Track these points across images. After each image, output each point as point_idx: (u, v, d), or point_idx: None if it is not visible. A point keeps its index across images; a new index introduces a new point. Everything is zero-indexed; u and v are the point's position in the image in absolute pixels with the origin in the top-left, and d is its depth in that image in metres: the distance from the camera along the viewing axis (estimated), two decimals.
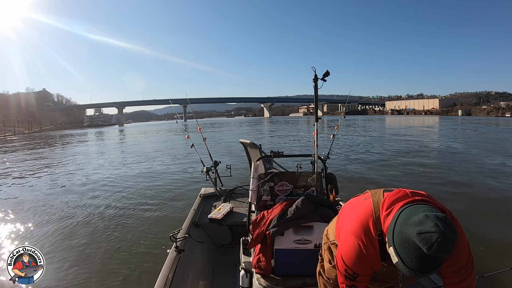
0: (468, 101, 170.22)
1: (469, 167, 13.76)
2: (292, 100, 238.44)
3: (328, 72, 3.57)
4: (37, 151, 31.13)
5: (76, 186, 12.36)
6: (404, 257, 1.40)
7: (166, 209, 8.56)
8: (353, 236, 1.74)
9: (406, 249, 1.39)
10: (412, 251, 1.37)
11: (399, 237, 1.42)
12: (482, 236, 6.43)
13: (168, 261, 3.48)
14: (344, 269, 1.79)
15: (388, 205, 1.67)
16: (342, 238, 1.85)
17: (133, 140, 43.80)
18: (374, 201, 1.79)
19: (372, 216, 1.73)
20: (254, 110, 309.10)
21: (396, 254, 1.43)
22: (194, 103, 74.70)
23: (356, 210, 1.87)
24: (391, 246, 1.47)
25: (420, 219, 1.38)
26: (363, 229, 1.73)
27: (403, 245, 1.40)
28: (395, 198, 1.67)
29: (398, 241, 1.43)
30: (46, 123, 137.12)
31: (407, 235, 1.39)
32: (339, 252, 1.85)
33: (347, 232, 1.81)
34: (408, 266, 1.40)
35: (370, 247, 1.69)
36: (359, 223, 1.75)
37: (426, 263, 1.37)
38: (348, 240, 1.78)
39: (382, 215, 1.68)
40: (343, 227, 1.89)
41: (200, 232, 4.64)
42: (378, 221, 1.69)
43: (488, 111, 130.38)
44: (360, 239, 1.71)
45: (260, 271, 2.77)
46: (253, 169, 3.37)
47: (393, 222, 1.51)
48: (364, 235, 1.71)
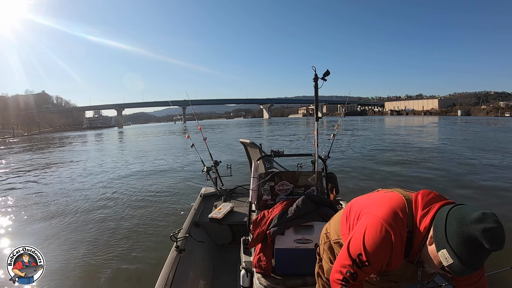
0: (467, 101, 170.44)
1: (469, 166, 13.79)
2: (291, 101, 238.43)
3: (328, 72, 3.57)
4: (37, 152, 31.08)
5: (77, 187, 12.35)
6: (465, 256, 1.37)
7: (167, 209, 8.56)
8: (384, 222, 1.64)
9: (468, 248, 1.36)
10: (474, 249, 1.36)
11: (459, 237, 1.38)
12: None
13: (168, 261, 3.48)
14: (358, 253, 1.69)
15: (423, 205, 1.63)
16: (368, 223, 1.71)
17: (133, 142, 43.82)
18: (403, 194, 1.75)
19: (405, 209, 1.66)
20: (253, 111, 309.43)
21: (454, 255, 1.39)
22: (193, 105, 74.25)
23: (383, 200, 1.79)
24: (444, 249, 1.43)
25: (480, 217, 1.36)
26: (394, 217, 1.64)
27: (465, 244, 1.36)
28: (429, 199, 1.65)
29: (457, 242, 1.39)
30: (45, 125, 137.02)
31: (470, 233, 1.35)
32: (360, 234, 1.71)
33: (375, 218, 1.69)
34: (467, 265, 1.38)
35: (399, 239, 1.61)
36: (390, 211, 1.67)
37: (483, 259, 1.40)
38: (375, 226, 1.66)
39: (417, 214, 1.63)
40: (367, 213, 1.78)
41: (201, 231, 4.63)
42: (410, 218, 1.64)
43: (488, 111, 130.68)
44: (391, 227, 1.62)
45: (261, 271, 2.76)
46: (253, 168, 3.37)
47: (442, 224, 1.47)
48: (395, 224, 1.63)
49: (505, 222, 4.33)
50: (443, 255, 1.43)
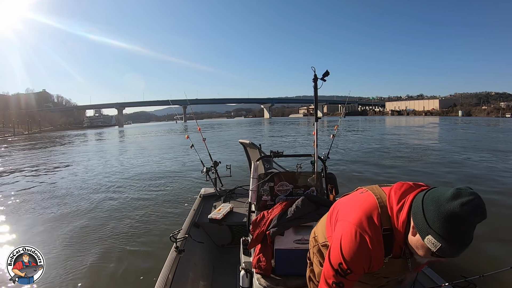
0: (468, 102, 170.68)
1: (470, 166, 13.79)
2: (292, 101, 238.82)
3: (328, 72, 3.56)
4: (38, 151, 31.07)
5: (76, 186, 12.35)
6: (451, 236, 1.36)
7: (166, 209, 8.56)
8: (357, 228, 1.64)
9: (451, 227, 1.35)
10: (458, 226, 1.35)
11: (440, 219, 1.37)
12: (481, 235, 6.45)
13: (168, 261, 3.48)
14: (338, 263, 1.69)
15: (398, 199, 1.63)
16: (344, 230, 1.71)
17: (133, 141, 43.77)
18: (376, 195, 1.73)
19: (377, 209, 1.65)
20: (254, 111, 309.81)
21: (440, 238, 1.38)
22: (193, 104, 74.88)
23: (356, 203, 1.78)
24: (428, 235, 1.41)
25: (454, 193, 1.37)
26: (367, 221, 1.64)
27: (447, 224, 1.36)
28: (402, 192, 1.64)
29: (439, 224, 1.37)
30: (46, 124, 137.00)
31: (449, 212, 1.35)
32: (337, 244, 1.71)
33: (349, 224, 1.69)
34: (456, 244, 1.38)
35: (376, 241, 1.61)
36: (363, 215, 1.66)
37: (470, 233, 1.38)
38: (350, 233, 1.66)
39: (393, 211, 1.62)
40: (342, 220, 1.79)
41: (200, 232, 4.63)
42: (385, 215, 1.63)
43: (488, 112, 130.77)
44: (365, 232, 1.62)
45: (260, 271, 2.76)
46: (253, 169, 3.36)
47: (420, 212, 1.47)
48: (369, 228, 1.62)
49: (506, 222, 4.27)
50: (429, 241, 1.42)
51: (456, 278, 2.67)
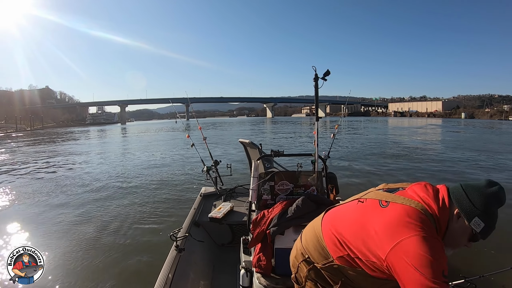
0: (471, 104, 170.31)
1: (471, 166, 13.78)
2: (294, 101, 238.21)
3: (329, 72, 3.55)
4: (40, 147, 31.12)
5: (77, 184, 12.40)
6: (492, 216, 1.57)
7: (167, 208, 8.57)
8: (424, 235, 1.48)
9: (494, 206, 1.58)
10: (496, 206, 1.59)
11: (486, 202, 1.57)
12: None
13: (168, 260, 3.48)
14: (441, 270, 1.42)
15: (434, 197, 1.66)
16: (415, 246, 1.47)
17: (135, 139, 43.79)
18: (407, 202, 1.64)
19: (423, 214, 1.58)
20: (256, 110, 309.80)
21: (485, 218, 1.56)
22: (196, 103, 74.99)
23: (389, 219, 1.61)
24: (475, 217, 1.56)
25: (489, 182, 1.61)
26: (426, 226, 1.53)
27: (492, 205, 1.57)
28: (433, 189, 1.71)
29: (485, 206, 1.56)
30: (48, 121, 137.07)
31: (493, 194, 1.57)
32: (423, 255, 1.43)
33: (414, 238, 1.49)
34: (493, 224, 1.58)
35: (440, 243, 1.54)
36: (417, 224, 1.53)
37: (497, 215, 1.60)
38: (423, 242, 1.47)
39: (435, 209, 1.60)
40: (400, 242, 1.51)
41: (201, 231, 4.63)
42: (431, 217, 1.58)
43: (491, 114, 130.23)
44: (432, 235, 1.51)
45: (261, 270, 2.76)
46: (253, 168, 3.36)
47: (465, 199, 1.60)
48: (431, 232, 1.53)
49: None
50: (476, 222, 1.57)
51: (456, 278, 2.67)
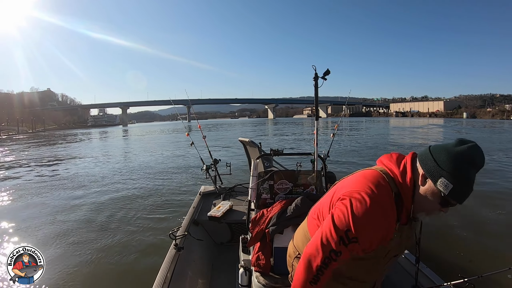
0: (473, 104, 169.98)
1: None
2: (296, 102, 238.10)
3: (329, 71, 3.55)
4: (42, 149, 31.21)
5: (77, 184, 12.42)
6: (462, 175, 1.45)
7: (166, 206, 8.59)
8: (370, 194, 1.54)
9: (462, 166, 1.45)
10: (467, 167, 1.45)
11: (452, 161, 1.46)
12: (481, 235, 6.45)
13: (167, 259, 3.49)
14: (346, 229, 1.52)
15: (396, 163, 1.67)
16: (354, 200, 1.55)
17: (136, 140, 44.01)
18: (373, 168, 1.72)
19: (382, 176, 1.61)
20: (258, 111, 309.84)
21: (452, 178, 1.46)
22: (198, 104, 75.10)
23: (356, 178, 1.69)
24: (441, 177, 1.48)
25: (459, 140, 1.50)
26: (379, 187, 1.57)
27: (458, 163, 1.45)
28: (396, 157, 1.70)
29: (451, 165, 1.46)
30: (50, 123, 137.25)
31: (460, 152, 1.46)
32: (345, 210, 1.54)
33: (356, 193, 1.56)
34: (466, 184, 1.47)
35: (390, 207, 1.55)
36: (370, 184, 1.58)
37: (474, 178, 1.48)
38: (362, 198, 1.53)
39: (396, 173, 1.63)
40: (347, 192, 1.61)
41: (200, 230, 4.63)
42: (391, 180, 1.60)
43: (493, 114, 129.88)
44: (378, 197, 1.54)
45: (259, 269, 2.75)
46: (252, 167, 3.36)
47: (430, 159, 1.53)
48: (382, 195, 1.55)
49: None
50: (442, 183, 1.48)
51: (455, 278, 2.66)
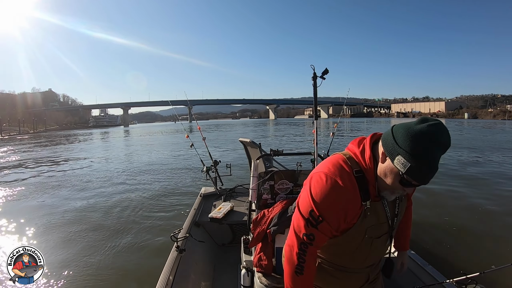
0: (474, 104, 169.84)
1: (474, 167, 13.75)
2: (297, 102, 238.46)
3: (327, 70, 3.54)
4: (43, 149, 31.22)
5: (76, 185, 12.40)
6: (418, 153, 1.38)
7: (167, 208, 8.56)
8: (327, 172, 1.59)
9: (419, 143, 1.38)
10: (426, 143, 1.37)
11: (409, 138, 1.40)
12: (483, 232, 6.45)
13: (169, 261, 3.48)
14: (309, 210, 1.58)
15: (357, 144, 1.67)
16: (314, 179, 1.63)
17: (137, 140, 43.97)
18: (337, 152, 1.75)
19: (343, 157, 1.65)
20: (259, 112, 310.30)
21: (409, 156, 1.40)
22: (199, 104, 75.06)
23: (324, 161, 1.73)
24: (398, 155, 1.44)
25: (422, 119, 1.43)
26: (336, 167, 1.60)
27: (416, 141, 1.38)
28: (358, 140, 1.69)
29: (408, 142, 1.40)
30: (51, 123, 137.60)
31: (418, 130, 1.38)
32: (306, 192, 1.63)
33: (319, 173, 1.62)
34: (423, 164, 1.39)
35: (348, 182, 1.56)
36: (330, 164, 1.64)
37: (437, 156, 1.40)
38: (320, 178, 1.60)
39: (357, 154, 1.64)
40: (312, 174, 1.69)
41: (201, 231, 4.63)
42: (352, 161, 1.63)
43: (495, 114, 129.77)
44: (335, 175, 1.57)
45: (261, 270, 2.75)
46: (253, 167, 3.36)
47: (390, 137, 1.49)
48: (339, 171, 1.58)
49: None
50: (399, 161, 1.44)
51: (457, 275, 2.66)
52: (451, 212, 7.54)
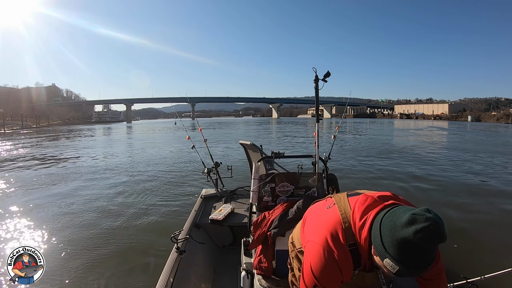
0: (478, 107, 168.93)
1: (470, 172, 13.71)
2: (300, 102, 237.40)
3: (329, 73, 3.55)
4: (47, 143, 31.30)
5: (76, 185, 12.39)
6: (407, 260, 1.38)
7: (167, 210, 8.55)
8: (324, 247, 1.71)
9: (406, 252, 1.37)
10: (413, 252, 1.36)
11: (395, 245, 1.40)
12: (483, 237, 6.44)
13: (169, 262, 3.49)
14: (313, 285, 1.75)
15: (360, 216, 1.67)
16: (311, 252, 1.79)
17: (140, 137, 44.08)
18: (341, 210, 1.79)
19: (341, 226, 1.72)
20: (262, 110, 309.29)
21: (396, 262, 1.40)
22: (202, 102, 75.39)
23: (321, 220, 1.86)
24: (386, 258, 1.45)
25: (409, 219, 1.37)
26: (332, 240, 1.70)
27: (402, 250, 1.38)
28: (365, 207, 1.67)
29: (394, 250, 1.41)
30: (54, 118, 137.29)
31: (403, 239, 1.36)
32: (307, 266, 1.79)
33: (316, 245, 1.76)
34: (412, 267, 1.39)
35: (343, 257, 1.68)
36: (328, 234, 1.73)
37: (428, 256, 1.38)
38: (318, 253, 1.73)
39: (355, 227, 1.68)
40: (310, 241, 1.85)
41: (201, 233, 4.63)
42: (349, 232, 1.70)
43: (498, 118, 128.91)
44: (331, 250, 1.69)
45: (261, 272, 2.76)
46: (254, 170, 3.36)
47: (378, 235, 1.51)
48: (335, 246, 1.69)
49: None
50: (388, 263, 1.45)
51: (457, 279, 2.67)
52: (451, 216, 7.51)
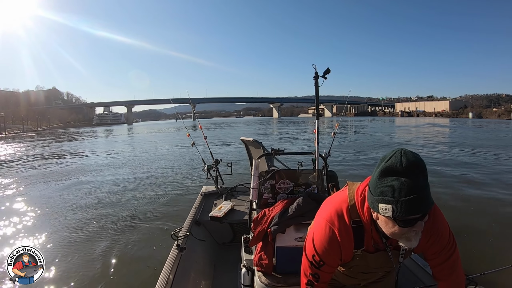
0: (479, 104, 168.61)
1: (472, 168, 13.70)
2: (301, 101, 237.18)
3: (329, 70, 3.55)
4: (48, 146, 31.37)
5: (77, 183, 12.49)
6: (389, 192, 1.39)
7: (168, 207, 8.60)
8: (327, 222, 1.76)
9: (385, 182, 1.41)
10: (391, 178, 1.39)
11: (375, 184, 1.46)
12: (483, 233, 6.44)
13: (169, 259, 3.49)
14: (312, 254, 1.82)
15: (361, 191, 1.71)
16: (316, 224, 1.87)
17: (141, 138, 44.19)
18: (350, 190, 1.81)
19: (347, 203, 1.75)
20: (263, 110, 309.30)
21: (384, 200, 1.41)
22: (203, 103, 75.51)
23: (332, 200, 1.91)
24: (378, 204, 1.46)
25: (381, 158, 1.49)
26: (337, 215, 1.75)
27: (380, 182, 1.43)
28: (366, 184, 1.69)
29: (377, 189, 1.45)
30: (55, 121, 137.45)
31: (378, 172, 1.44)
32: (310, 238, 1.87)
33: (321, 219, 1.82)
34: (403, 203, 1.36)
35: (344, 233, 1.72)
36: (333, 211, 1.77)
37: (411, 185, 1.35)
38: (321, 227, 1.79)
39: (358, 203, 1.71)
40: (318, 215, 1.92)
41: (202, 230, 4.63)
42: (354, 209, 1.73)
43: (499, 114, 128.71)
44: (333, 225, 1.74)
45: (262, 269, 2.75)
46: (254, 167, 3.36)
47: (368, 193, 1.56)
48: (338, 221, 1.74)
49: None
50: (382, 210, 1.44)
51: None
52: (451, 213, 7.51)
